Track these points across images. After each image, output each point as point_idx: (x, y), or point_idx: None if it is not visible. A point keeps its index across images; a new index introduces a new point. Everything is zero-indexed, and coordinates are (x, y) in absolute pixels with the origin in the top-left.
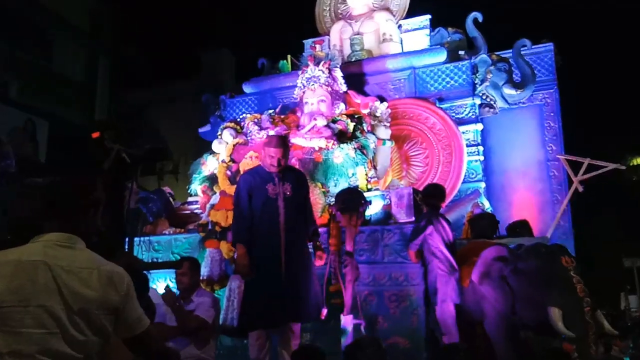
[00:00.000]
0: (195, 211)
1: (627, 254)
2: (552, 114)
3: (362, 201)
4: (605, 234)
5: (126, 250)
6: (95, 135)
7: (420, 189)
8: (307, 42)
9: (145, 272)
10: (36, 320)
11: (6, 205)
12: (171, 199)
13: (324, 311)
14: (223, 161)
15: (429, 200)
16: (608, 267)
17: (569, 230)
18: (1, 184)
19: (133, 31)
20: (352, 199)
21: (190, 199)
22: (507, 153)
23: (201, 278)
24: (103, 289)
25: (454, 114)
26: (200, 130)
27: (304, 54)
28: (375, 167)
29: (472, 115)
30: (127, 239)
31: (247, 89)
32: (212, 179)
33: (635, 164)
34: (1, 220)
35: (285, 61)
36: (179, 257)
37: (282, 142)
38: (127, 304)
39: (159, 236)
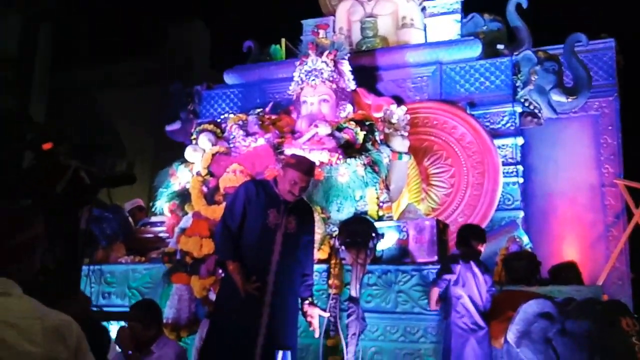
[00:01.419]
0: (161, 235)
1: None
2: (610, 128)
3: (373, 234)
4: None
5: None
6: (48, 146)
7: (443, 215)
8: (307, 24)
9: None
10: None
11: None
12: (130, 219)
13: None
14: (198, 173)
15: (463, 238)
16: None
17: (626, 275)
18: None
19: None
20: (361, 232)
21: (154, 218)
22: (552, 174)
23: (165, 322)
24: (49, 344)
25: (488, 124)
26: (168, 128)
27: (302, 37)
28: (387, 188)
29: (511, 126)
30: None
31: (229, 79)
32: (184, 196)
33: None
34: None
35: (278, 46)
36: (137, 293)
37: (312, 169)
38: None
39: (113, 265)
